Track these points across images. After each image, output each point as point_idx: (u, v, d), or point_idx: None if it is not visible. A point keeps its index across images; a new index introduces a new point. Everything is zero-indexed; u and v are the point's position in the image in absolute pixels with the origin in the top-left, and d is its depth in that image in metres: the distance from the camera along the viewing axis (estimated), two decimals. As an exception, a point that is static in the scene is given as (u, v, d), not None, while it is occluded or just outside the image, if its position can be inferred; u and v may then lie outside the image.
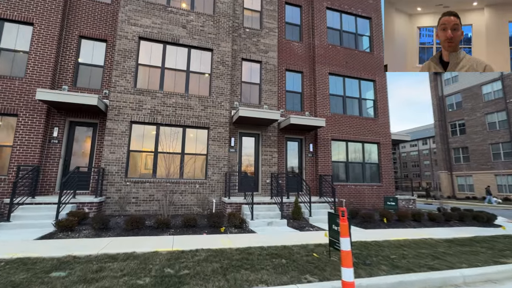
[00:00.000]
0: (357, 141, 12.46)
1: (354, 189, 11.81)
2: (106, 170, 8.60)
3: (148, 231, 6.35)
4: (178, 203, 9.14)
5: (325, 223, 8.39)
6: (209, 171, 9.71)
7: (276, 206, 8.88)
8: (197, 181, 9.50)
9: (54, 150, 8.80)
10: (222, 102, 10.30)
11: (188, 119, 9.76)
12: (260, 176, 10.75)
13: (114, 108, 9.02)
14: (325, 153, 11.72)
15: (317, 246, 5.63)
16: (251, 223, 7.71)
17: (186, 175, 9.56)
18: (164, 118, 9.50)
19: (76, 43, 9.57)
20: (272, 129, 11.19)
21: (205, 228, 6.92)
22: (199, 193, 9.42)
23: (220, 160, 9.90)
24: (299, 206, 8.67)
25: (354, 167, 12.34)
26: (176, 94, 9.77)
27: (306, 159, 11.77)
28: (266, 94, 11.42)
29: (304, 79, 12.52)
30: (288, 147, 11.82)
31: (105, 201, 8.42)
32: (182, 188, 9.28)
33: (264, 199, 9.18)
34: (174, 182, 9.17)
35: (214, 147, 9.91)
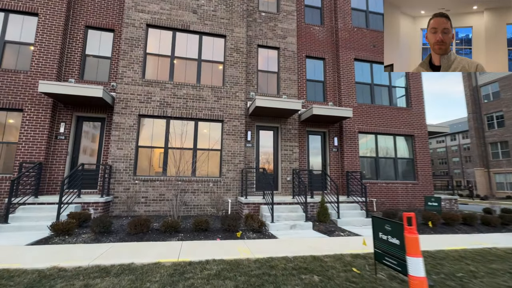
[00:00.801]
0: (387, 133, 11.11)
1: (386, 188, 10.49)
2: (113, 167, 7.97)
3: (155, 235, 5.56)
4: (190, 203, 8.35)
5: (357, 227, 7.26)
6: (224, 168, 8.85)
7: (299, 206, 7.85)
8: (210, 179, 8.67)
9: (60, 146, 8.30)
10: (236, 93, 9.40)
11: (200, 112, 8.95)
12: (279, 173, 9.75)
13: (121, 100, 8.38)
14: (352, 148, 10.49)
15: (355, 257, 4.55)
16: (272, 226, 6.74)
17: (198, 172, 8.76)
18: (175, 110, 8.75)
19: (83, 33, 9.05)
20: (292, 121, 10.15)
21: (218, 232, 6.04)
22: (213, 192, 8.58)
23: (236, 155, 9.01)
24: (325, 207, 7.58)
25: (384, 163, 11.00)
26: (187, 84, 9.00)
27: (330, 155, 10.61)
28: (285, 84, 10.39)
29: (327, 66, 11.34)
30: (310, 141, 10.72)
31: (113, 201, 7.79)
32: (195, 187, 8.49)
33: (285, 199, 8.17)
34: (186, 180, 8.40)
35: (228, 142, 9.03)
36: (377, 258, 3.67)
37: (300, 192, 8.33)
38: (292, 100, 8.93)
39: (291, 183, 9.51)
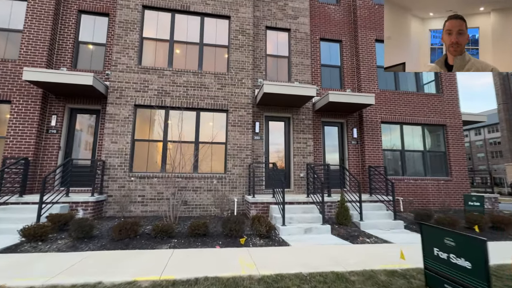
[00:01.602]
0: (415, 123, 9.79)
1: (414, 185, 9.22)
2: (107, 163, 7.22)
3: (144, 241, 4.71)
4: (191, 203, 7.49)
5: (384, 231, 6.14)
6: (229, 163, 7.91)
7: (315, 206, 6.80)
8: (214, 175, 7.76)
9: (52, 141, 7.65)
10: (243, 79, 8.42)
11: (202, 101, 8.05)
12: (292, 169, 8.71)
13: (115, 90, 7.61)
14: (374, 139, 9.28)
15: (391, 275, 3.47)
16: (283, 230, 5.75)
17: (201, 168, 7.87)
18: (174, 100, 7.89)
19: (75, 19, 8.34)
20: (305, 111, 9.06)
21: (219, 237, 5.11)
22: (217, 190, 7.68)
23: (242, 149, 8.05)
24: (346, 207, 6.49)
25: (412, 157, 9.70)
26: (188, 71, 8.11)
27: (348, 148, 9.44)
28: (296, 69, 9.30)
29: (344, 49, 10.13)
30: (326, 133, 9.59)
31: (107, 200, 7.05)
32: (196, 184, 7.61)
33: (298, 198, 7.14)
34: (187, 177, 7.54)
35: (234, 134, 8.08)
36: (429, 283, 2.61)
37: (315, 190, 7.28)
38: (305, 86, 7.84)
39: (304, 179, 8.45)
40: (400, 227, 6.58)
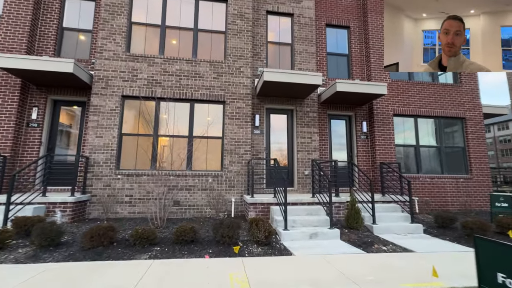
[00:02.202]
0: (430, 116, 8.94)
1: (430, 184, 8.39)
2: (91, 159, 6.55)
3: (121, 249, 4.01)
4: (184, 203, 6.79)
5: (401, 236, 5.36)
6: (226, 159, 7.18)
7: (321, 208, 6.04)
8: (209, 173, 7.04)
9: (33, 136, 7.00)
10: (241, 68, 7.67)
11: (196, 91, 7.33)
12: (295, 166, 7.95)
13: (100, 79, 6.92)
14: (386, 134, 8.46)
15: (423, 299, 2.71)
16: (285, 234, 5.00)
17: (195, 165, 7.16)
18: (166, 90, 7.18)
19: (59, 3, 7.67)
20: (310, 102, 8.28)
21: (210, 244, 4.38)
22: (213, 189, 6.96)
23: (241, 144, 7.32)
24: (357, 208, 5.71)
25: (427, 153, 8.86)
26: (181, 59, 7.39)
27: (357, 143, 8.64)
28: (300, 57, 8.52)
29: (352, 36, 9.30)
30: (333, 127, 8.80)
31: (90, 200, 6.38)
32: (190, 183, 6.90)
33: (303, 198, 6.38)
34: (180, 175, 6.85)
35: (232, 128, 7.35)
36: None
37: (321, 189, 6.52)
38: (310, 73, 7.07)
39: (309, 178, 7.68)
40: (418, 232, 5.78)
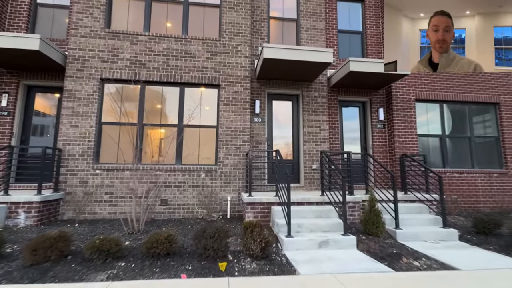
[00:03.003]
0: (458, 101, 7.72)
1: (458, 179, 7.25)
2: (64, 152, 5.70)
3: (74, 265, 3.13)
4: (173, 202, 5.89)
5: (432, 245, 4.36)
6: (221, 151, 6.23)
7: (332, 209, 5.03)
8: (202, 167, 6.11)
9: (3, 126, 6.19)
10: (238, 46, 6.64)
11: (187, 73, 6.35)
12: (301, 159, 6.94)
13: (75, 59, 6.02)
14: (407, 122, 7.33)
15: None
16: (288, 243, 4.04)
17: (185, 159, 6.24)
18: (151, 72, 6.23)
19: (32, -25, 6.77)
20: (318, 86, 7.20)
21: (191, 258, 3.45)
22: (206, 186, 6.03)
23: (238, 134, 6.34)
24: (377, 210, 4.67)
25: (455, 144, 7.70)
26: (169, 36, 6.41)
27: (373, 133, 7.54)
28: (307, 34, 7.41)
29: (367, 11, 8.10)
30: (344, 114, 7.72)
31: (64, 199, 5.55)
32: (180, 179, 5.99)
33: (310, 196, 5.39)
34: (168, 169, 5.95)
35: (227, 115, 6.37)
36: None
37: (331, 186, 5.52)
38: (318, 49, 5.98)
39: (318, 172, 6.67)
40: (453, 238, 4.72)
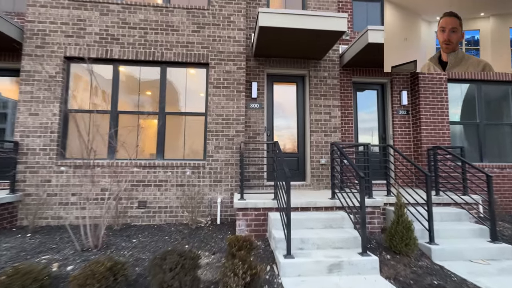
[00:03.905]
0: (498, 81, 6.39)
1: (499, 176, 6.01)
2: (22, 145, 4.79)
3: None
4: (153, 204, 4.94)
5: (483, 267, 3.29)
6: (210, 144, 5.19)
7: (345, 216, 3.94)
8: (187, 163, 5.10)
9: (-43, 115, 5.34)
10: (231, 17, 5.49)
11: (169, 50, 5.27)
12: (307, 153, 5.84)
13: (34, 34, 5.02)
14: (437, 107, 6.07)
15: None
16: (286, 266, 3.00)
17: (168, 152, 5.25)
18: (126, 49, 5.18)
19: None
20: (328, 65, 6.00)
21: (148, 295, 2.46)
22: (192, 185, 5.04)
23: (231, 123, 5.27)
24: (406, 221, 3.52)
25: (494, 133, 6.40)
26: (146, 5, 5.31)
27: (394, 120, 6.32)
28: (315, 1, 6.16)
29: (387, -27, 6.73)
30: (359, 99, 6.52)
31: (23, 201, 4.67)
32: (161, 177, 5.01)
33: (317, 200, 4.31)
34: (147, 165, 4.97)
35: (218, 100, 5.29)
36: None
37: (343, 186, 4.40)
38: (328, 14, 4.76)
39: (327, 168, 5.57)
40: (506, 257, 3.58)
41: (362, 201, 3.38)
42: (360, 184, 3.43)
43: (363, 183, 3.42)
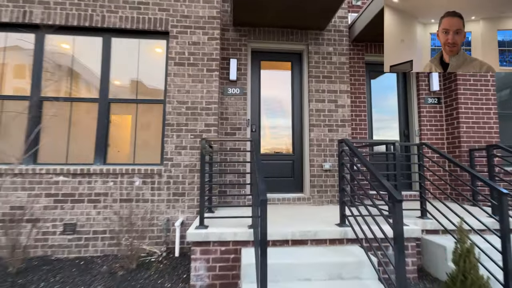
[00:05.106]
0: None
1: None
2: None
3: None
4: (86, 227, 3.48)
5: None
6: (169, 142, 3.72)
7: (363, 257, 2.42)
8: (137, 169, 3.63)
9: None
10: (201, -31, 4.02)
11: (113, 13, 3.83)
12: (306, 154, 4.33)
13: None
14: (481, 93, 4.54)
15: None
16: None
17: (110, 155, 3.80)
18: (52, 12, 3.75)
19: None
20: (334, 37, 4.51)
21: None
22: (143, 200, 3.58)
23: (199, 114, 3.80)
24: (474, 264, 1.99)
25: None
26: (85, -47, 3.87)
27: (420, 112, 4.80)
28: (315, -45, 4.67)
29: None
30: (374, 83, 5.00)
31: None
32: (99, 188, 3.56)
33: (318, 226, 2.81)
34: (79, 173, 3.54)
35: (181, 82, 3.83)
36: None
37: (356, 201, 2.88)
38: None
39: (332, 175, 4.08)
40: None
41: (398, 235, 1.86)
42: (395, 209, 1.92)
43: (399, 208, 1.91)
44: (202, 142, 2.84)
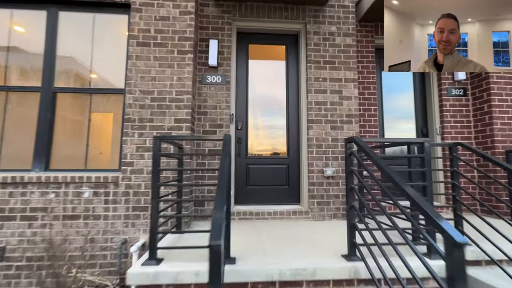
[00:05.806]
0: None
1: None
2: None
3: None
4: (16, 254, 2.68)
5: None
6: (129, 143, 2.92)
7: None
8: (88, 177, 2.82)
9: None
10: None
11: (58, -20, 3.04)
12: (303, 157, 3.52)
13: None
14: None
15: None
16: None
17: (56, 159, 3.00)
18: (-17, -22, 2.97)
19: None
20: (338, 14, 3.69)
21: None
22: (93, 215, 2.78)
23: (167, 107, 3.00)
24: None
25: None
26: None
27: (443, 105, 3.98)
28: None
29: None
30: (384, 75, 4.19)
31: None
32: (36, 202, 2.76)
33: (319, 261, 2.01)
34: (8, 182, 2.73)
35: (145, 67, 3.03)
36: None
37: (366, 215, 2.05)
38: None
39: (336, 183, 3.27)
40: None
41: None
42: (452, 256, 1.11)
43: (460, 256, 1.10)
44: (155, 141, 2.03)
